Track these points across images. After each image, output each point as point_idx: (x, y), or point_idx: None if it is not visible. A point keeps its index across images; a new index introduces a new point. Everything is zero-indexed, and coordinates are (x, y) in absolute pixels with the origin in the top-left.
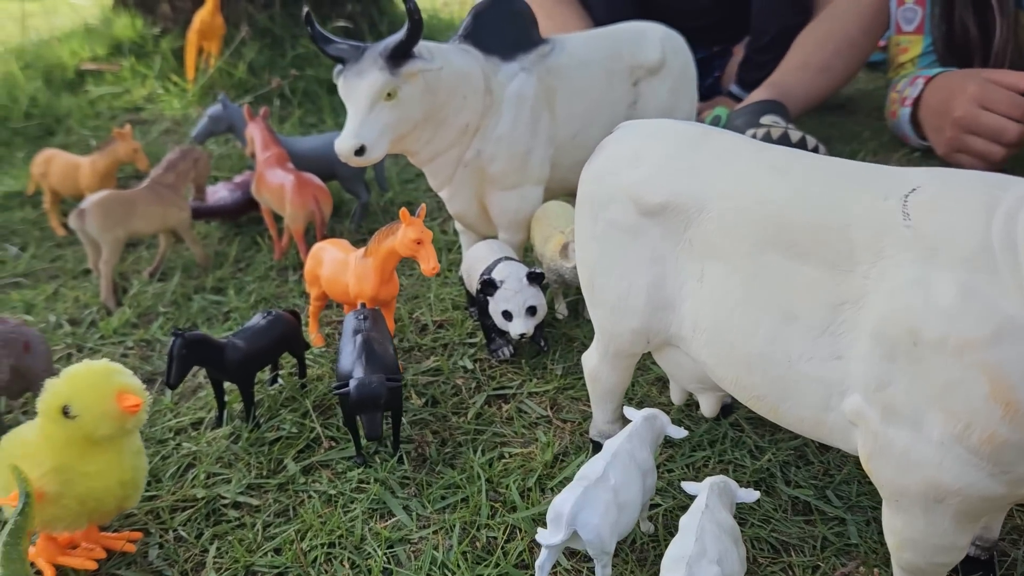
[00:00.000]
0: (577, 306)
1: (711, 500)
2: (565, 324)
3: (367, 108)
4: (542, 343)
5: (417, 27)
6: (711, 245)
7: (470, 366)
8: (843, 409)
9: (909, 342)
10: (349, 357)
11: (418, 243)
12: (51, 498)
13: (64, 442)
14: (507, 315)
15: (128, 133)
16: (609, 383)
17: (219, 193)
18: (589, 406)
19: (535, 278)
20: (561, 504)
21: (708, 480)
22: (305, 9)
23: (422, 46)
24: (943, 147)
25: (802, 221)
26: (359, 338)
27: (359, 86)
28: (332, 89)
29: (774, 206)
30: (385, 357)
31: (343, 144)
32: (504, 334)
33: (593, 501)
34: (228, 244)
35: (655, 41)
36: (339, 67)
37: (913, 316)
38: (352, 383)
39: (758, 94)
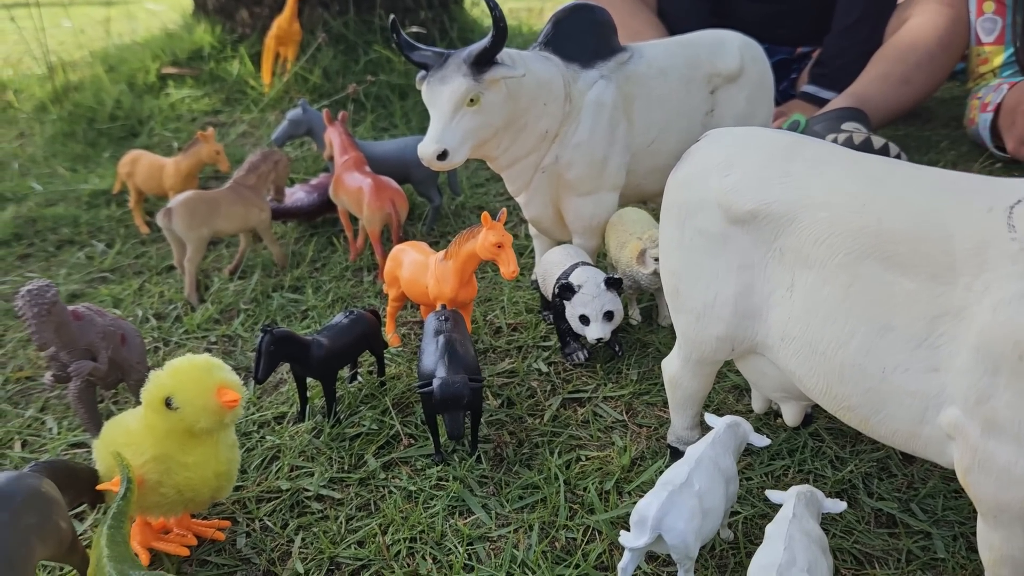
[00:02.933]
0: (651, 312)
1: (798, 509)
2: (639, 330)
3: (450, 113)
4: (617, 348)
5: (502, 34)
6: (803, 254)
7: (545, 369)
8: (940, 422)
9: (1015, 356)
10: (432, 357)
11: (499, 247)
12: (151, 486)
13: (165, 432)
14: (584, 319)
15: (211, 135)
16: (690, 390)
17: (296, 195)
18: (665, 411)
19: (613, 283)
20: (646, 508)
21: (794, 489)
22: (391, 17)
23: (504, 53)
24: (1013, 142)
25: (902, 232)
26: (441, 338)
27: (443, 92)
28: (403, 95)
29: (872, 216)
30: (467, 358)
31: (426, 148)
32: (579, 338)
33: (678, 506)
34: (304, 244)
35: (734, 49)
36: (422, 73)
37: (1019, 330)
38: (436, 382)
39: (838, 102)
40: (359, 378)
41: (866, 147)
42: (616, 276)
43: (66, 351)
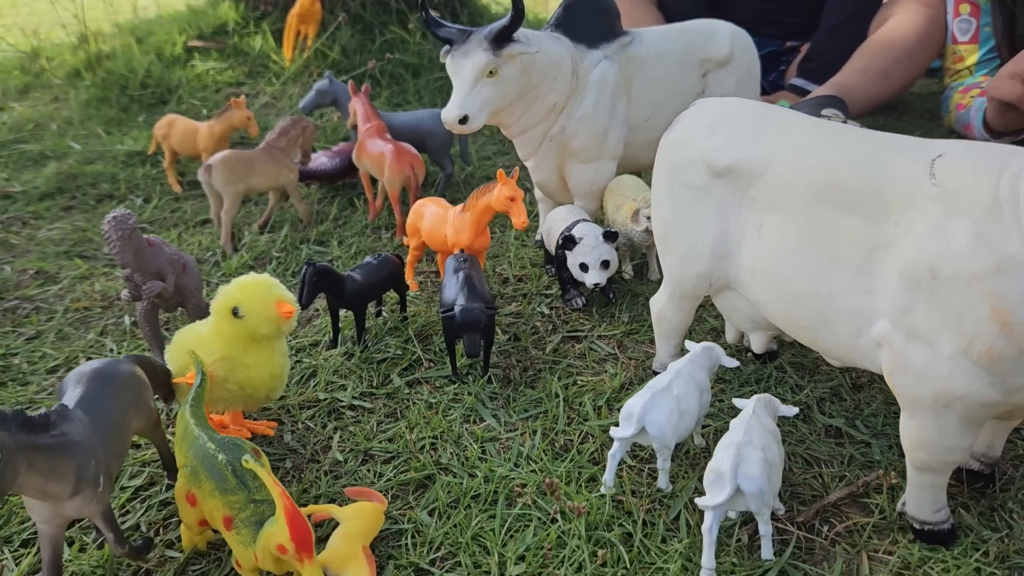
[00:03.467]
0: (642, 268)
1: (758, 408)
2: (631, 283)
3: (471, 83)
4: (611, 295)
5: (519, 15)
6: (770, 201)
7: (547, 312)
8: (872, 334)
9: (929, 276)
10: (453, 289)
11: (511, 200)
12: (218, 381)
13: (232, 337)
14: (583, 267)
15: (243, 103)
16: (674, 322)
17: (319, 159)
18: (652, 347)
19: (610, 236)
20: (632, 405)
21: (755, 396)
22: None
23: (521, 32)
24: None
25: (848, 181)
26: (461, 274)
27: (465, 64)
28: (416, 73)
29: (826, 169)
30: (483, 291)
31: (449, 113)
32: (578, 286)
33: (659, 404)
34: (327, 205)
35: (725, 37)
36: (446, 47)
37: (934, 256)
38: (457, 308)
39: (821, 90)
40: (384, 313)
41: None
42: (612, 230)
43: (139, 273)
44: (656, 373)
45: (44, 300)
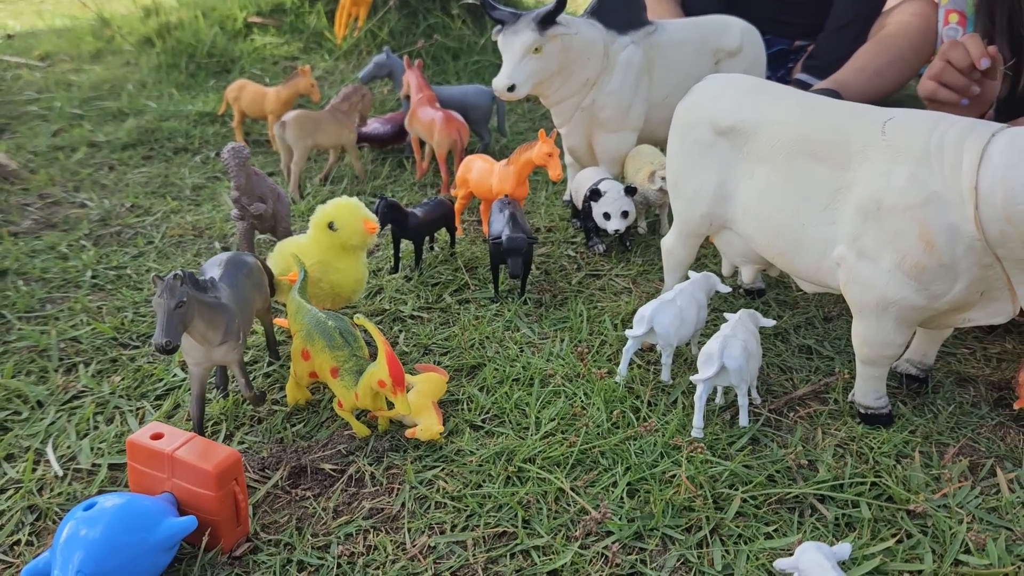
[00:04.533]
0: (654, 225)
1: (743, 316)
2: (644, 238)
3: (519, 58)
4: (628, 243)
5: (563, 2)
6: (760, 155)
7: (572, 255)
8: (833, 256)
9: (875, 208)
10: (499, 223)
11: (549, 155)
12: (313, 280)
13: (327, 245)
14: (607, 216)
15: (308, 71)
16: (680, 256)
17: (373, 125)
18: (662, 283)
19: (629, 191)
20: (644, 310)
21: (742, 309)
22: None
23: (563, 17)
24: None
25: (822, 138)
26: (507, 211)
27: (515, 42)
28: (456, 56)
29: (805, 128)
30: (525, 225)
31: (500, 81)
32: (600, 234)
33: (665, 310)
34: (379, 165)
35: (736, 31)
36: (498, 27)
37: (879, 192)
38: (504, 236)
39: (820, 85)
40: (435, 248)
41: None
42: (632, 185)
43: (246, 196)
44: None
45: (143, 227)
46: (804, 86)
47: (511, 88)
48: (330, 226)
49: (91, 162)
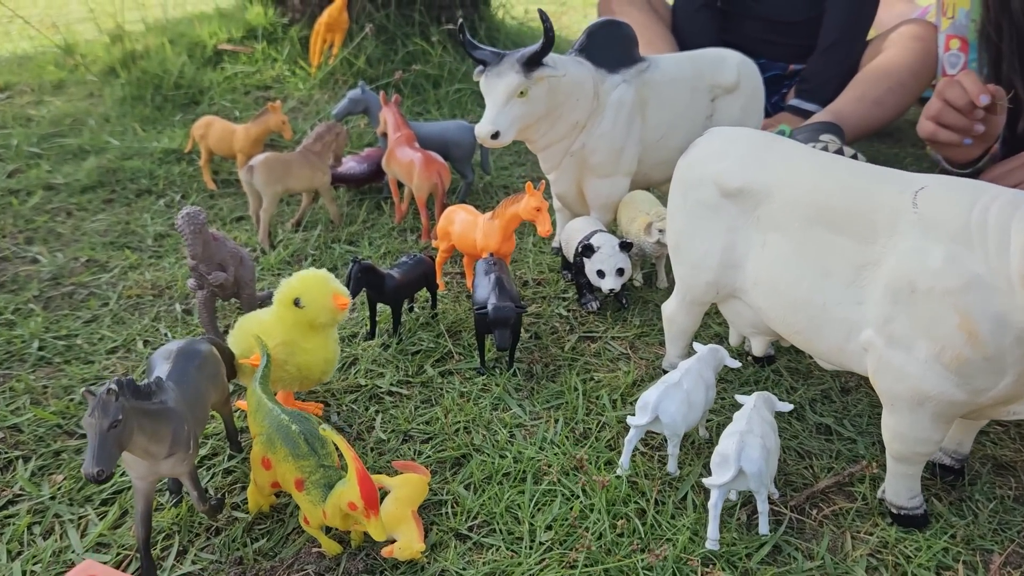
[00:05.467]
0: (651, 277)
1: (758, 403)
2: (641, 290)
3: (503, 102)
4: (623, 300)
5: (550, 42)
6: (773, 221)
7: (564, 314)
8: (860, 340)
9: (909, 290)
10: (485, 289)
11: (537, 210)
12: (278, 363)
13: (292, 324)
14: (600, 273)
15: (279, 107)
16: (683, 325)
17: (348, 164)
18: (662, 349)
19: (625, 246)
20: (648, 396)
21: (756, 392)
22: (459, 20)
23: (549, 56)
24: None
25: (842, 206)
26: (492, 276)
27: (498, 84)
28: (437, 84)
29: (821, 195)
30: (512, 291)
31: (482, 128)
32: (593, 291)
33: (671, 396)
34: (355, 207)
35: (733, 66)
36: (480, 67)
37: (913, 272)
38: (489, 306)
39: (819, 117)
40: (415, 309)
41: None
42: (628, 240)
43: (204, 264)
44: (666, 372)
45: (97, 287)
46: (799, 112)
47: (495, 135)
48: (296, 303)
49: (47, 207)
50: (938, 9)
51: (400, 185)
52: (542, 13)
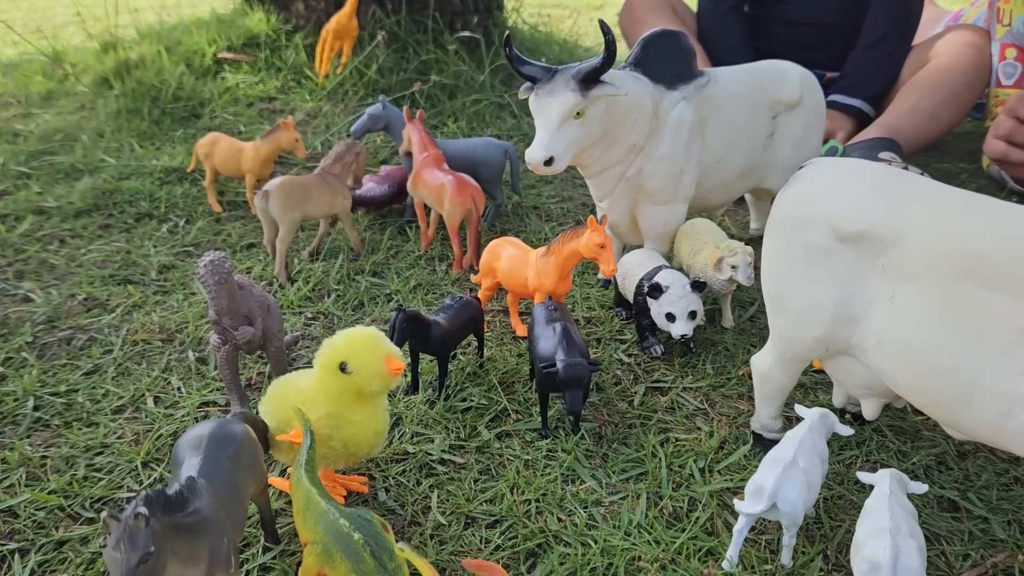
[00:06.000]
0: (714, 315)
1: (893, 487)
2: (705, 330)
3: (557, 124)
4: (691, 345)
5: (612, 56)
6: (904, 271)
7: (626, 360)
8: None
9: None
10: (550, 341)
11: (601, 247)
12: (322, 439)
13: (338, 393)
14: (670, 317)
15: (291, 124)
16: (779, 383)
17: (368, 185)
18: (741, 403)
19: (698, 286)
20: (763, 480)
21: (886, 471)
22: (506, 33)
23: (608, 73)
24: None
25: (997, 256)
26: (558, 326)
27: (551, 104)
28: (452, 95)
29: (971, 242)
30: (581, 344)
31: (535, 155)
32: (656, 333)
33: (791, 480)
34: (377, 232)
35: (795, 80)
36: (527, 84)
37: None
38: (560, 364)
39: (872, 132)
40: (458, 356)
41: None
42: (700, 280)
43: (229, 317)
44: (756, 434)
45: (99, 330)
46: (841, 108)
47: (548, 161)
48: (342, 368)
49: (38, 234)
50: (992, 16)
51: (426, 208)
52: (603, 25)
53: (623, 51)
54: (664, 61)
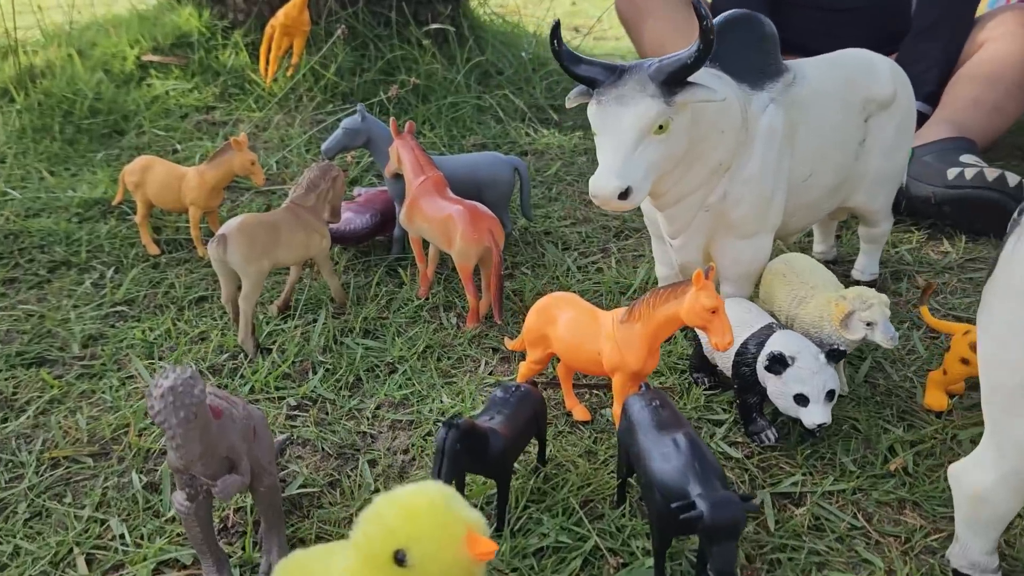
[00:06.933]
0: None
1: None
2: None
3: (634, 143)
4: (817, 430)
5: (709, 47)
6: None
7: (732, 453)
8: None
9: None
10: (674, 462)
11: (712, 312)
12: None
13: None
14: (801, 399)
15: (244, 142)
16: (1002, 509)
17: (346, 216)
18: (905, 515)
19: (835, 356)
20: None
21: None
22: (555, 20)
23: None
24: None
25: None
26: (681, 438)
27: (623, 115)
28: (425, 98)
29: None
30: (715, 464)
31: (607, 185)
32: (763, 410)
33: None
34: (360, 275)
35: (886, 72)
36: (581, 88)
37: None
38: (704, 504)
39: (939, 131)
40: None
41: (1000, 184)
42: (841, 347)
43: (202, 464)
44: (958, 573)
45: (3, 444)
46: None
47: (624, 193)
48: (398, 560)
49: None
50: None
51: (424, 242)
52: (697, 3)
53: (626, 45)
54: (746, 53)
